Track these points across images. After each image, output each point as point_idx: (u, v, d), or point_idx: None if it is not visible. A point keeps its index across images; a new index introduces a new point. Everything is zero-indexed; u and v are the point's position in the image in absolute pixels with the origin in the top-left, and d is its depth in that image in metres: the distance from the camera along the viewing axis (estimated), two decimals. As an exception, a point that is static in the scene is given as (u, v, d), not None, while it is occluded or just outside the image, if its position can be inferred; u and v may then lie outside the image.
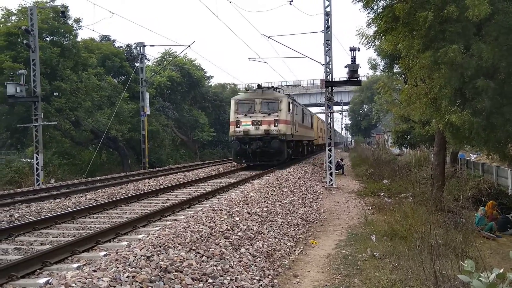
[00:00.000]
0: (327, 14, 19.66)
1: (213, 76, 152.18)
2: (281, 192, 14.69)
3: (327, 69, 19.84)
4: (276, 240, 8.82)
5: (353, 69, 19.58)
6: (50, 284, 4.92)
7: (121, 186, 16.45)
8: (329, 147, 20.40)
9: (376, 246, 8.71)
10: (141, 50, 32.31)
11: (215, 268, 6.08)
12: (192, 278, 5.53)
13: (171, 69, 43.34)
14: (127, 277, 5.07)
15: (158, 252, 6.15)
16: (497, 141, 11.74)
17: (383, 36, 12.65)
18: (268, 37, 23.78)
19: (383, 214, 12.15)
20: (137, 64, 33.24)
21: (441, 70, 10.73)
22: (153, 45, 32.96)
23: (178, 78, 42.80)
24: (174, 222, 8.51)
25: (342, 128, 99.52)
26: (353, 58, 19.65)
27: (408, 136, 30.93)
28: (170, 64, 43.93)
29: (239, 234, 8.13)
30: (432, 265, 5.71)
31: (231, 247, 7.31)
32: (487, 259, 9.14)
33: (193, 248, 6.61)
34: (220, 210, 9.75)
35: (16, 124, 25.40)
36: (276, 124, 23.57)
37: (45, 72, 25.96)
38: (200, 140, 46.07)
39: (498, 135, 11.29)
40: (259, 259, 7.25)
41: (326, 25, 19.68)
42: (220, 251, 6.83)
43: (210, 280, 5.65)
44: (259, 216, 10.19)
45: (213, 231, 7.83)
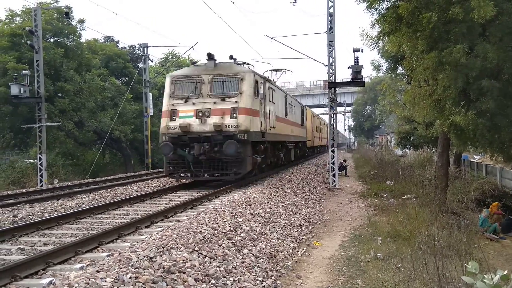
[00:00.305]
0: (331, 15, 19.65)
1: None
2: (284, 194, 14.68)
3: (330, 70, 19.82)
4: (279, 241, 8.81)
5: (357, 70, 19.54)
6: (53, 285, 4.92)
7: (124, 187, 16.47)
8: (332, 148, 20.37)
9: (379, 248, 8.69)
10: (145, 51, 32.35)
11: (218, 269, 6.08)
12: (195, 279, 5.53)
13: (175, 70, 43.34)
14: (130, 278, 5.07)
15: (161, 253, 6.15)
16: (502, 142, 11.72)
17: (387, 37, 12.64)
18: (272, 38, 23.75)
19: (386, 216, 12.12)
20: (141, 65, 33.28)
21: (445, 71, 10.72)
22: (157, 46, 32.97)
23: (182, 79, 42.76)
24: (177, 223, 8.51)
25: (345, 129, 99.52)
26: (357, 59, 19.61)
27: (412, 137, 30.88)
28: (174, 65, 44.00)
29: (242, 235, 8.13)
30: (436, 267, 5.69)
31: (234, 248, 7.30)
32: (491, 261, 9.10)
33: (196, 249, 6.60)
34: (223, 211, 9.75)
35: (20, 125, 25.49)
36: (234, 115, 14.77)
37: (49, 73, 26.08)
38: None
39: (503, 136, 11.28)
40: (262, 260, 7.24)
41: (330, 26, 19.66)
42: (223, 252, 6.82)
43: (213, 281, 5.64)
44: (262, 217, 10.19)
45: (216, 232, 7.83)
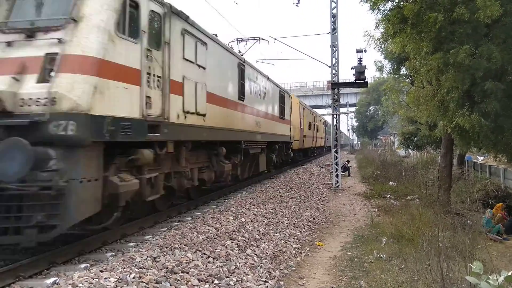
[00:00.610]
0: (334, 16, 19.63)
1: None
2: (287, 194, 14.69)
3: (334, 71, 19.80)
4: (282, 242, 8.81)
5: (360, 71, 19.52)
6: (57, 284, 4.94)
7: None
8: (335, 149, 20.36)
9: (383, 248, 8.69)
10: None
11: (221, 269, 6.09)
12: (198, 279, 5.54)
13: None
14: (134, 278, 5.09)
15: (165, 253, 6.17)
16: (506, 144, 11.69)
17: (391, 39, 12.60)
18: (275, 39, 23.76)
19: (390, 216, 12.11)
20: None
21: (450, 72, 10.69)
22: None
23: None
24: (181, 223, 8.53)
25: (349, 130, 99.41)
26: (360, 60, 19.60)
27: (415, 138, 30.82)
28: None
29: (245, 236, 8.14)
30: (439, 268, 5.69)
31: (237, 248, 7.31)
32: (494, 262, 9.06)
33: (199, 249, 6.62)
34: (226, 211, 9.77)
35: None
36: (50, 74, 5.63)
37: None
38: None
39: (507, 137, 11.25)
40: (265, 261, 7.25)
41: (333, 27, 19.65)
42: (226, 252, 6.83)
43: (216, 281, 5.65)
44: (265, 218, 10.20)
45: (219, 232, 7.84)
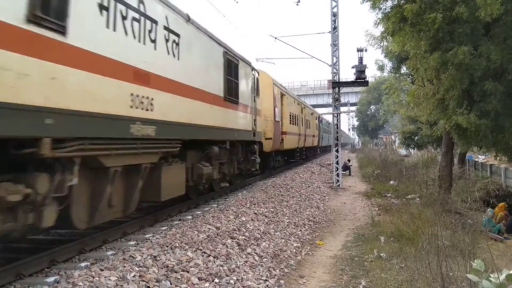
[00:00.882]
0: (334, 15, 19.62)
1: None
2: (288, 193, 14.70)
3: (334, 70, 19.79)
4: (283, 241, 8.82)
5: (360, 70, 19.52)
6: (58, 283, 4.95)
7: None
8: (336, 148, 20.37)
9: (383, 247, 8.69)
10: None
11: (222, 268, 6.10)
12: (199, 278, 5.55)
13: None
14: (134, 277, 5.11)
15: (165, 252, 6.18)
16: (506, 143, 11.70)
17: (391, 37, 12.62)
18: (275, 38, 23.79)
19: (390, 215, 12.11)
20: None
21: (449, 71, 10.70)
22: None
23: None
24: (181, 222, 8.54)
25: (349, 129, 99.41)
26: (360, 59, 19.60)
27: (416, 137, 30.85)
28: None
29: (246, 234, 8.15)
30: (439, 267, 5.70)
31: (238, 247, 7.32)
32: (495, 261, 9.08)
33: (200, 248, 6.63)
34: (227, 210, 9.77)
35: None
36: None
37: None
38: None
39: (507, 137, 11.25)
40: (266, 259, 7.26)
41: (333, 26, 19.63)
42: (227, 251, 6.84)
43: (217, 280, 5.66)
44: (266, 217, 10.21)
45: (220, 231, 7.85)
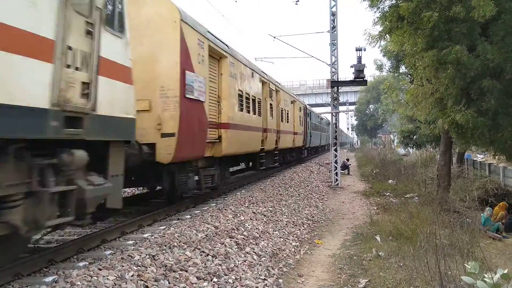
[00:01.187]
0: (333, 14, 19.61)
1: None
2: (286, 192, 14.70)
3: (333, 69, 19.79)
4: (281, 240, 8.82)
5: (359, 69, 19.52)
6: (56, 283, 4.95)
7: (127, 186, 16.46)
8: (335, 147, 20.38)
9: (381, 246, 8.70)
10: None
11: (220, 267, 6.10)
12: (197, 277, 5.55)
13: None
14: (132, 276, 5.11)
15: (163, 251, 6.18)
16: (504, 141, 11.72)
17: (389, 35, 12.64)
18: (274, 37, 23.78)
19: (389, 214, 12.12)
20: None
21: (447, 70, 10.73)
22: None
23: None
24: (180, 222, 8.54)
25: (348, 128, 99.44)
26: (359, 58, 19.59)
27: (414, 136, 30.87)
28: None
29: (244, 234, 8.15)
30: (437, 265, 5.70)
31: (236, 247, 7.32)
32: (493, 260, 9.11)
33: (198, 247, 6.63)
34: (226, 210, 9.77)
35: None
36: None
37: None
38: None
39: (505, 135, 11.27)
40: (264, 259, 7.26)
41: (332, 25, 19.63)
42: (225, 250, 6.84)
43: (215, 279, 5.67)
44: (264, 216, 10.21)
45: (218, 231, 7.85)
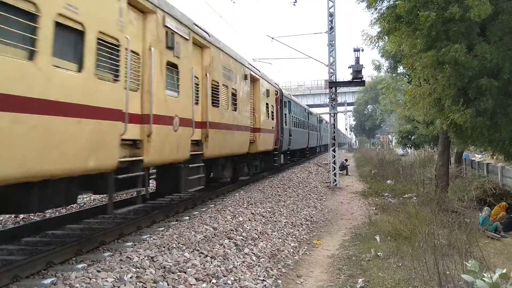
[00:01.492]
0: (331, 15, 19.64)
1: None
2: (285, 193, 14.70)
3: (331, 70, 19.81)
4: (280, 241, 8.82)
5: (357, 70, 19.55)
6: (55, 285, 4.94)
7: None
8: (333, 148, 20.39)
9: (380, 246, 8.70)
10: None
11: (219, 269, 6.10)
12: (196, 278, 5.55)
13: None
14: (131, 278, 5.10)
15: (162, 253, 6.17)
16: (502, 141, 11.73)
17: (387, 36, 12.66)
18: (272, 38, 23.79)
19: (387, 215, 12.13)
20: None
21: (445, 70, 10.74)
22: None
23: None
24: (178, 223, 8.53)
25: (346, 129, 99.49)
26: (357, 59, 19.63)
27: (412, 137, 30.91)
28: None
29: (243, 235, 8.15)
30: (436, 265, 5.71)
31: (235, 248, 7.32)
32: (492, 259, 9.10)
33: (197, 249, 6.63)
34: (224, 211, 9.77)
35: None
36: None
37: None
38: None
39: (503, 135, 11.28)
40: (263, 260, 7.26)
41: (330, 26, 19.66)
42: (224, 252, 6.84)
43: (214, 280, 5.66)
44: (263, 217, 10.21)
45: (217, 232, 7.85)
